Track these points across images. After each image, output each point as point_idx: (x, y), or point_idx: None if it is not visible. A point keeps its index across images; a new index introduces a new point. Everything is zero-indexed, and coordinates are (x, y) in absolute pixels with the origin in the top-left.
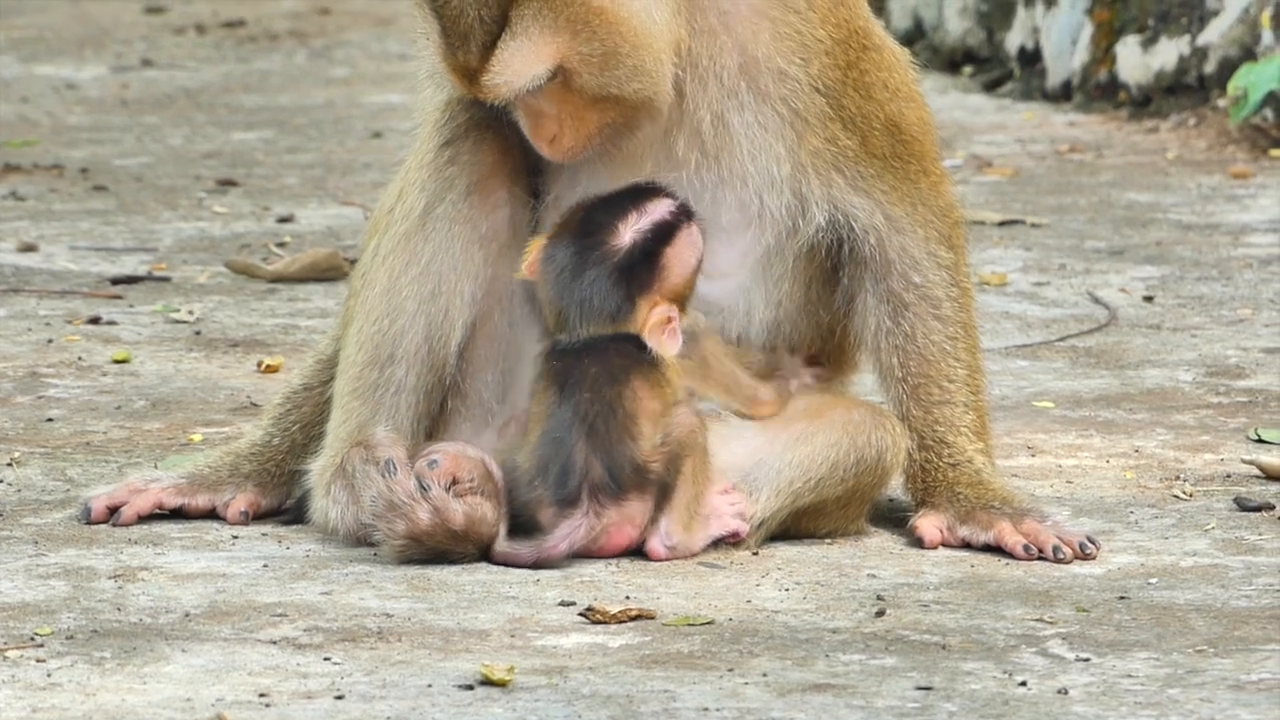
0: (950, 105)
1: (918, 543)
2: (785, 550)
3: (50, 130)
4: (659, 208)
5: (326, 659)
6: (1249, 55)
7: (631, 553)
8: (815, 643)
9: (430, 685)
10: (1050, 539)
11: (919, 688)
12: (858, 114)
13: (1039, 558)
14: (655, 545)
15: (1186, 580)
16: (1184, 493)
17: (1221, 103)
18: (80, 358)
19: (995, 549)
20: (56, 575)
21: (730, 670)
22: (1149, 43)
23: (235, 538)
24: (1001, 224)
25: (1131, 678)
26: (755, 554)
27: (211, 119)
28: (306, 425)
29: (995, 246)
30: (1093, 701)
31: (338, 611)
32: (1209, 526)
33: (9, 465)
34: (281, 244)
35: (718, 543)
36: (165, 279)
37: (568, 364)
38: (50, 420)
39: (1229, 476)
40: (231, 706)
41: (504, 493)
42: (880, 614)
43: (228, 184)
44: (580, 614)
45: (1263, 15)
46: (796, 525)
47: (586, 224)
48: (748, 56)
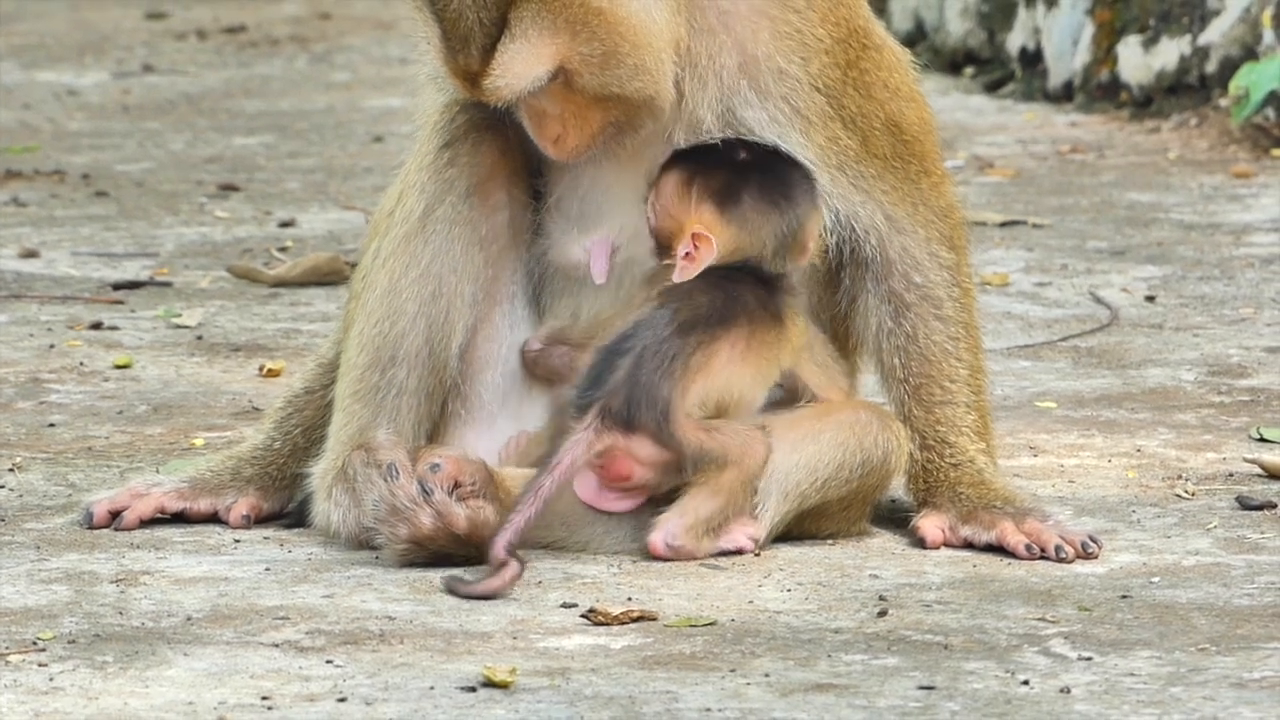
0: (951, 106)
1: (920, 543)
2: (787, 551)
3: (51, 136)
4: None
5: (329, 662)
6: (1250, 55)
7: (633, 553)
8: (817, 643)
9: (432, 687)
10: (1052, 538)
11: (921, 687)
12: (858, 113)
13: (1041, 557)
14: (657, 541)
15: (1189, 579)
16: (1186, 492)
17: (1223, 102)
18: (82, 363)
19: (997, 549)
20: (58, 580)
21: (732, 671)
22: (1150, 43)
23: (237, 541)
24: (1003, 224)
25: (1134, 676)
26: (757, 555)
27: (213, 124)
28: (308, 429)
29: (997, 247)
30: (1095, 700)
31: (340, 614)
32: (1211, 525)
33: (11, 470)
34: (283, 248)
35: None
36: (167, 284)
37: (687, 290)
38: (52, 425)
39: (1231, 475)
40: (234, 710)
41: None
42: (882, 614)
43: (229, 189)
44: (582, 615)
45: (1264, 14)
46: (799, 526)
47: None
48: (747, 55)
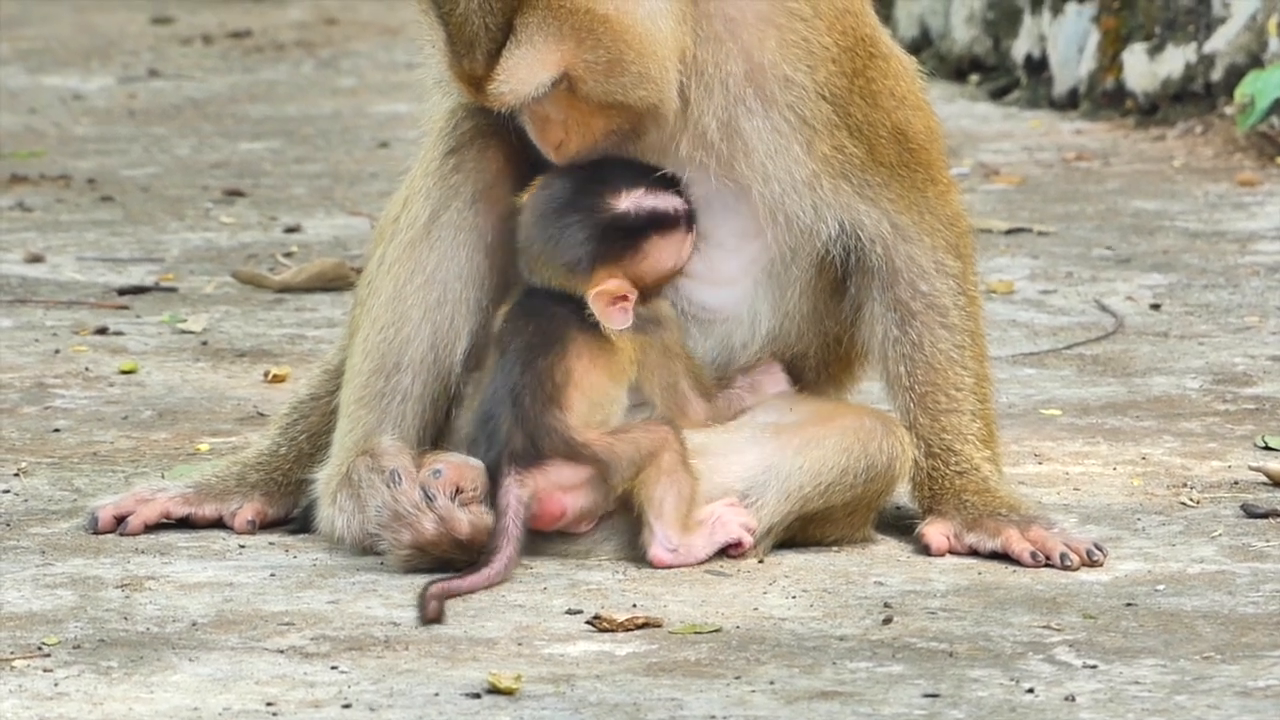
0: (957, 113)
1: (924, 550)
2: (792, 558)
3: (57, 141)
4: (669, 200)
5: (334, 668)
6: (1256, 62)
7: (638, 561)
8: (822, 650)
9: (437, 694)
10: (1057, 546)
11: (926, 695)
12: (864, 122)
13: (1046, 565)
14: (658, 552)
15: (1193, 587)
16: (1191, 500)
17: (1228, 110)
18: (87, 368)
19: (1002, 556)
20: (63, 585)
21: (737, 678)
22: (1156, 50)
23: (242, 547)
24: (1008, 232)
25: (1139, 684)
26: (761, 562)
27: (218, 129)
28: (313, 435)
29: (1002, 254)
30: (1100, 708)
31: (345, 620)
32: (1216, 533)
33: (16, 475)
34: (288, 254)
35: (722, 552)
36: (172, 289)
37: (514, 327)
38: (57, 430)
39: (1236, 483)
40: (238, 716)
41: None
42: (887, 621)
43: (235, 194)
44: (587, 622)
45: (1269, 22)
46: (803, 532)
47: (595, 174)
48: (753, 63)
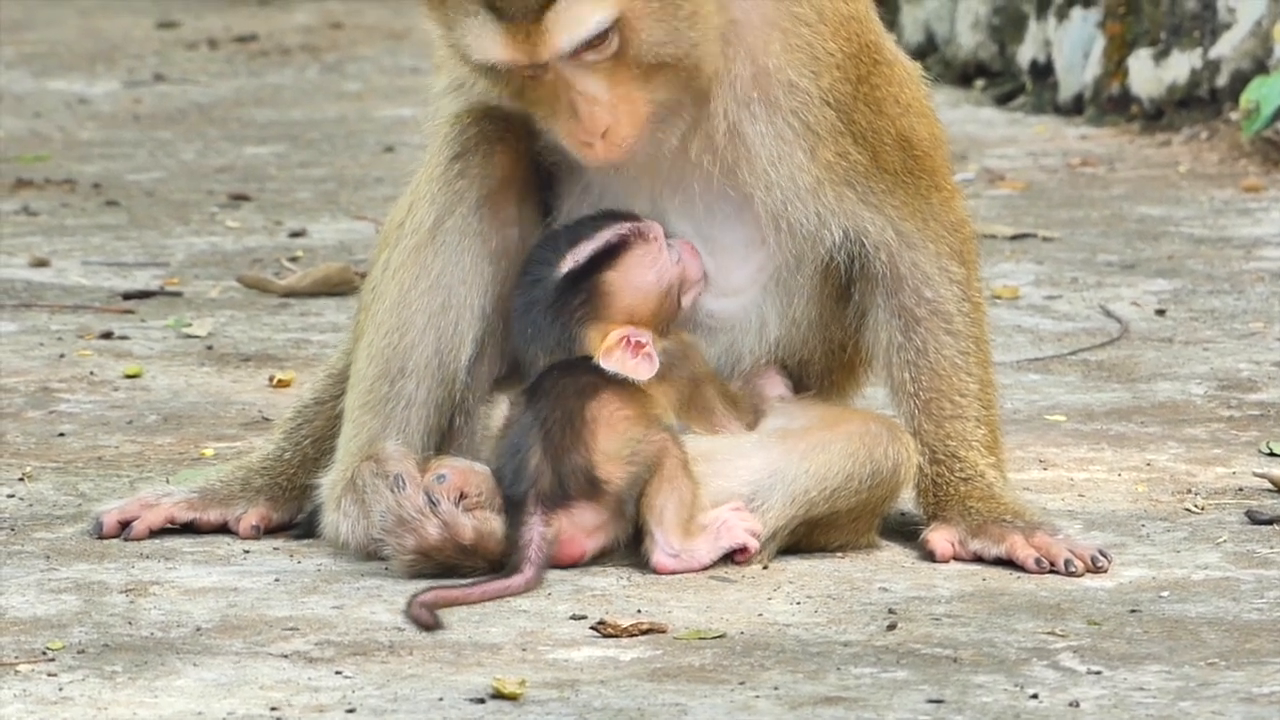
0: (962, 119)
1: (929, 556)
2: (796, 564)
3: (62, 145)
4: (607, 231)
5: (338, 673)
6: (1261, 68)
7: (642, 566)
8: (827, 656)
9: (442, 699)
10: (1062, 552)
11: (930, 701)
12: (869, 129)
13: (1051, 571)
14: (660, 559)
15: (1198, 593)
16: (1196, 506)
17: (1234, 116)
18: (92, 373)
19: (1007, 562)
20: (68, 589)
21: (742, 683)
22: (1161, 56)
23: (246, 552)
24: (1013, 237)
25: (1143, 691)
26: (766, 568)
27: (224, 134)
28: (318, 439)
29: (1007, 260)
30: (1104, 714)
31: (349, 625)
32: (1220, 540)
33: (20, 480)
34: (293, 258)
35: (727, 558)
36: (177, 294)
37: (541, 377)
38: (62, 435)
39: (1241, 490)
40: None
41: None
42: (892, 627)
43: (240, 199)
44: (591, 627)
45: (1275, 28)
46: (808, 538)
47: (531, 259)
48: (759, 67)
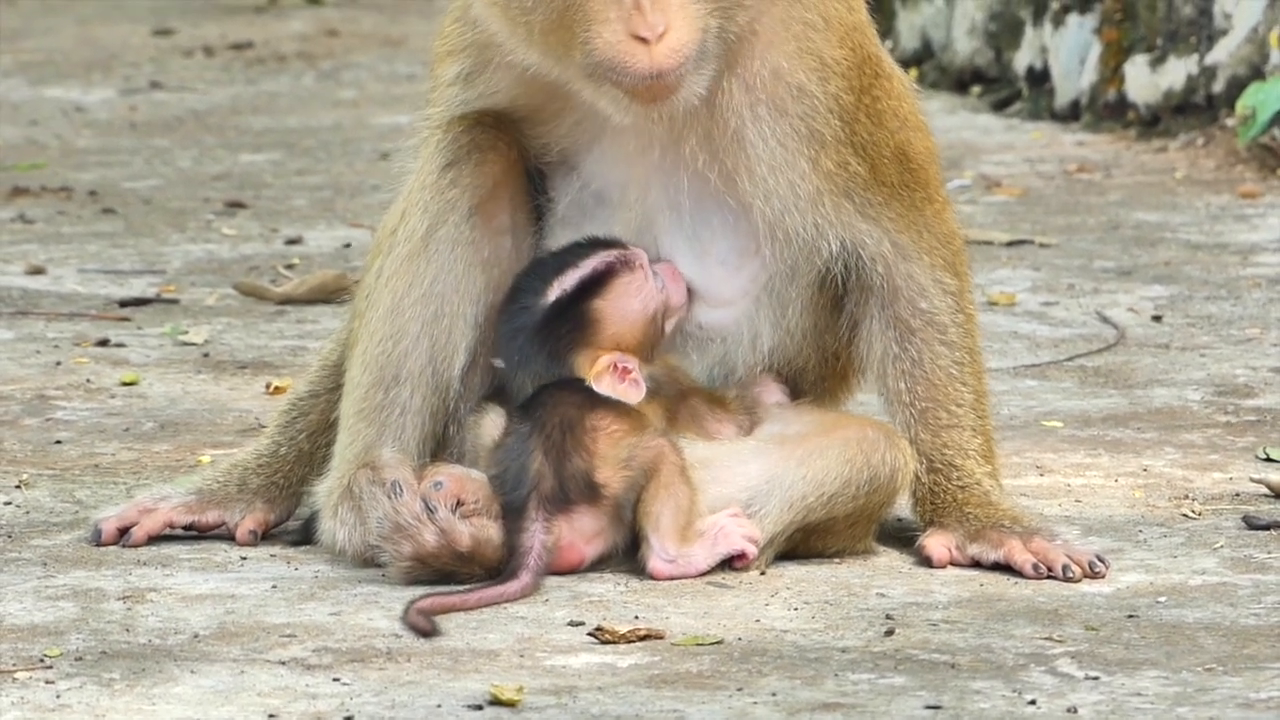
0: (958, 125)
1: (926, 562)
2: (794, 570)
3: (59, 153)
4: (594, 260)
5: (335, 680)
6: (1257, 74)
7: (639, 573)
8: (824, 662)
9: (439, 705)
10: (1059, 557)
11: (928, 706)
12: (869, 140)
13: (1048, 576)
14: (657, 564)
15: (1195, 599)
16: (1193, 511)
17: (1230, 122)
18: (88, 380)
19: (1004, 568)
20: (65, 596)
21: (739, 690)
22: (1157, 62)
23: (244, 559)
24: (1010, 244)
25: (1140, 696)
26: (763, 574)
27: (220, 141)
28: (313, 433)
29: (1004, 266)
30: None
31: (346, 632)
32: (1218, 545)
33: (17, 487)
34: (290, 266)
35: (725, 564)
36: (173, 301)
37: (537, 392)
38: (59, 442)
39: (1237, 495)
40: None
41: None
42: (889, 633)
43: (236, 206)
44: (589, 634)
45: (1271, 34)
46: (805, 544)
47: (518, 287)
48: (769, 67)
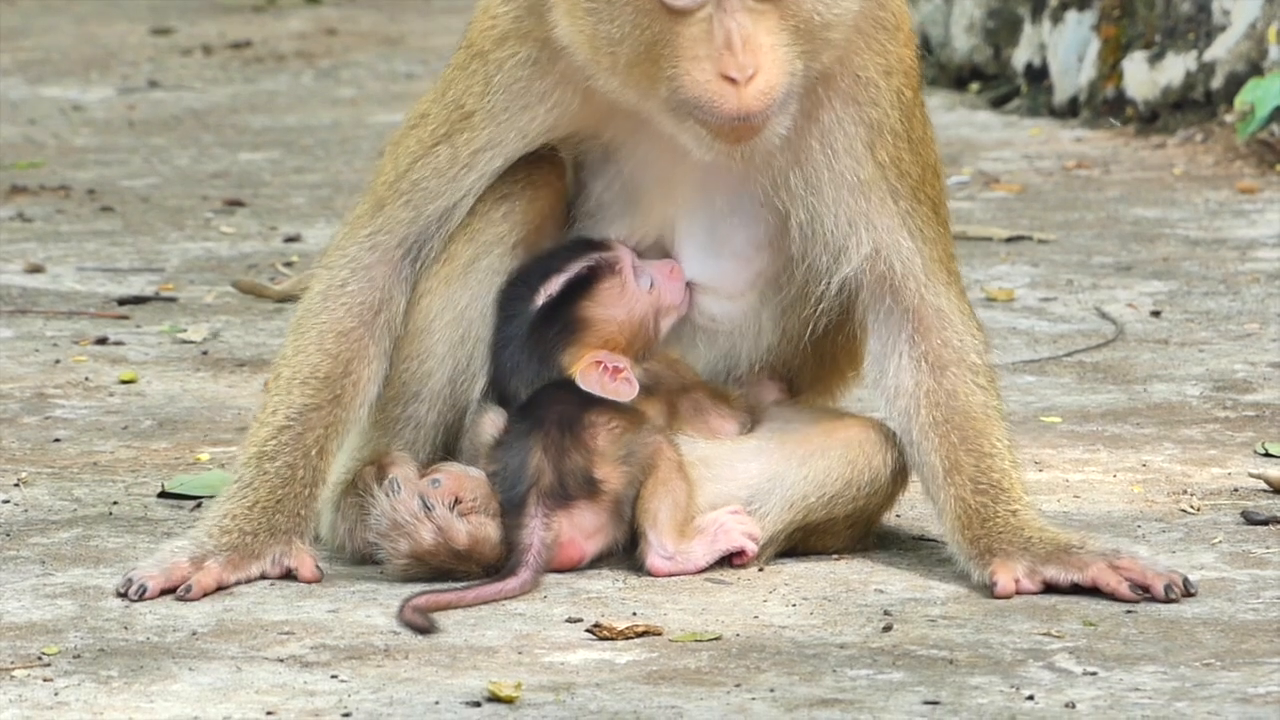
0: (957, 122)
1: (988, 589)
2: (792, 566)
3: (57, 151)
4: (578, 264)
5: (334, 677)
6: (1256, 70)
7: (638, 569)
8: (822, 658)
9: (438, 702)
10: (1159, 577)
11: (926, 702)
12: (921, 140)
13: (1146, 598)
14: (655, 561)
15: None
16: (1191, 507)
17: (1229, 118)
18: (87, 378)
19: (1083, 590)
20: (63, 594)
21: (737, 686)
22: (1156, 58)
23: None
24: (1009, 240)
25: (1139, 691)
26: (761, 570)
27: (218, 140)
28: (323, 449)
29: (1003, 262)
30: (1100, 715)
31: (345, 629)
32: (1216, 540)
33: (16, 485)
34: (289, 264)
35: (724, 561)
36: (172, 299)
37: (536, 394)
38: (57, 440)
39: (1236, 490)
40: None
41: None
42: (887, 629)
43: (235, 204)
44: (587, 630)
45: (1270, 30)
46: (805, 543)
47: (506, 296)
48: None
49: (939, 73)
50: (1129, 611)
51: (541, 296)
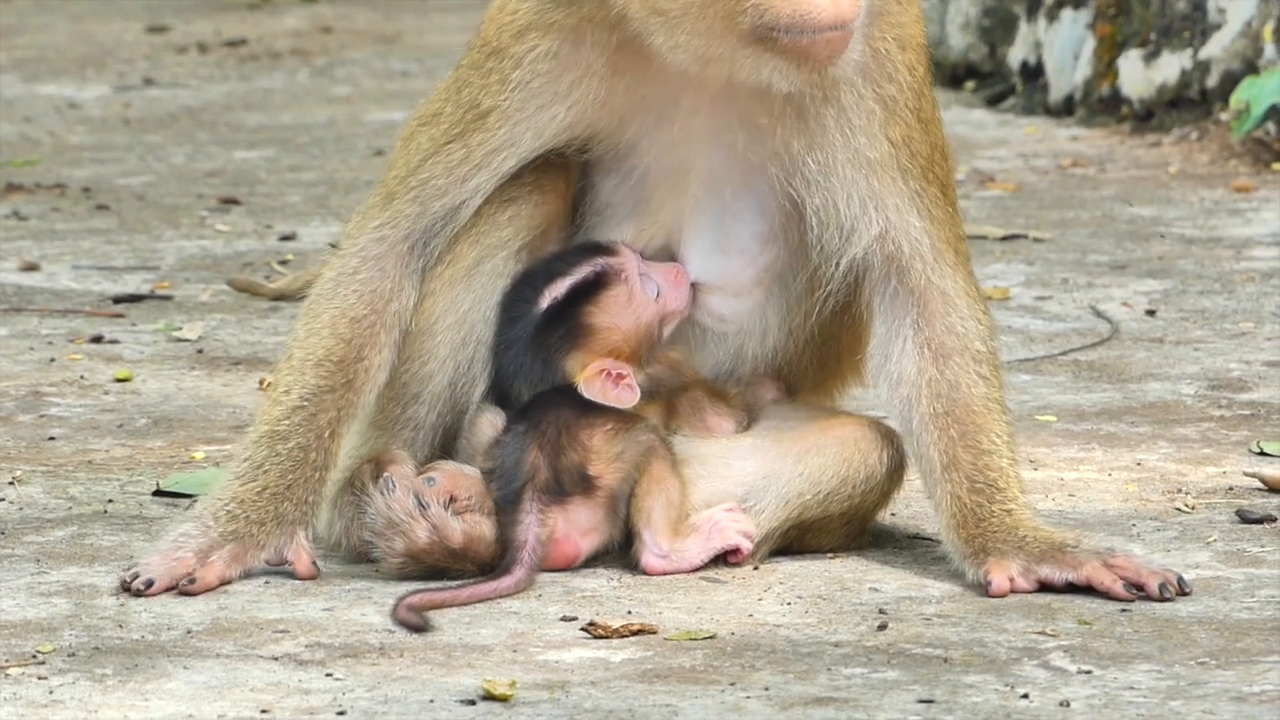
0: (953, 120)
1: (983, 588)
2: (787, 564)
3: (52, 149)
4: (585, 268)
5: (328, 675)
6: (1251, 69)
7: (632, 568)
8: (817, 656)
9: (432, 700)
10: (1153, 576)
11: (921, 701)
12: (930, 119)
13: (1141, 596)
14: (649, 560)
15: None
16: (1186, 505)
17: (1224, 116)
18: (82, 376)
19: (1077, 589)
20: (58, 593)
21: (732, 684)
22: (1151, 57)
23: None
24: (1004, 238)
25: (1134, 690)
26: (756, 568)
27: (214, 138)
28: (335, 431)
29: (998, 261)
30: (1094, 714)
31: (339, 627)
32: (1211, 539)
33: (11, 484)
34: (284, 262)
35: (719, 559)
36: (167, 297)
37: (535, 397)
38: (52, 439)
39: (1231, 489)
40: None
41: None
42: (882, 627)
43: (230, 202)
44: (582, 629)
45: (1265, 28)
46: (800, 541)
47: (511, 297)
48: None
49: (934, 71)
50: (1124, 610)
51: (547, 299)
